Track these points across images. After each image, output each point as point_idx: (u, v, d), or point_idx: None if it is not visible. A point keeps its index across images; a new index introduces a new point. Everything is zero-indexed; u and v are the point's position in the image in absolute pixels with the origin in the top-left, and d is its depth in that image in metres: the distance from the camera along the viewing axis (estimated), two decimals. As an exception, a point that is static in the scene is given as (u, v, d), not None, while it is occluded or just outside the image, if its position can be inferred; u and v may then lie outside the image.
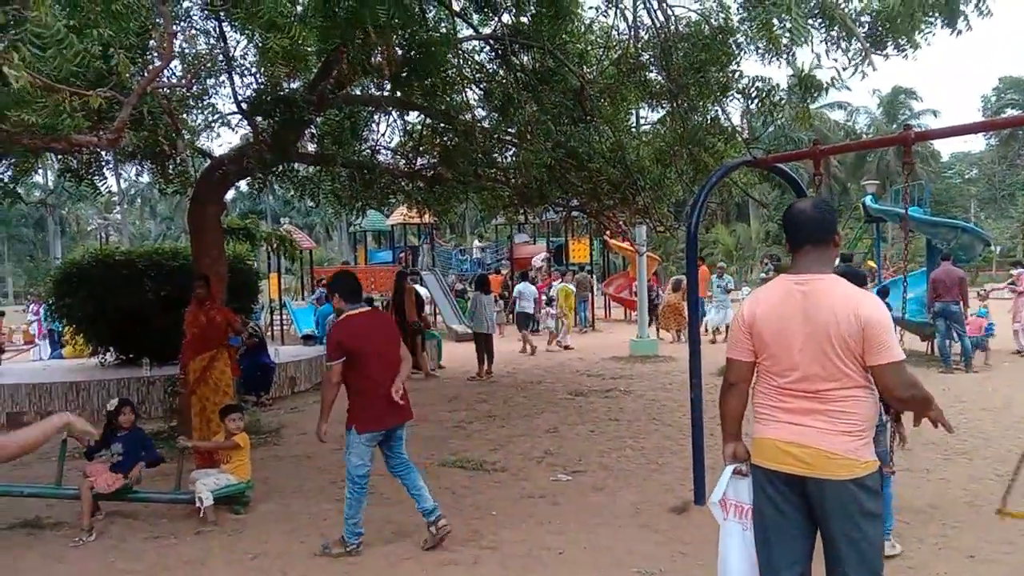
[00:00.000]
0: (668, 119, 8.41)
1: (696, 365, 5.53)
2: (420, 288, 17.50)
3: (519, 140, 8.04)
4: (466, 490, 6.24)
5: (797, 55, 6.01)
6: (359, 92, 8.61)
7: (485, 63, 8.57)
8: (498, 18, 7.98)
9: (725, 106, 7.66)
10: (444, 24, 7.83)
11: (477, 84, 8.28)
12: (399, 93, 7.64)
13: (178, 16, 6.97)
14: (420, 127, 9.39)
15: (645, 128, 9.65)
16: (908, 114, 50.85)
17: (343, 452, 5.00)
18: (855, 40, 5.47)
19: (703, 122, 7.80)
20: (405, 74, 6.53)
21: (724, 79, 7.17)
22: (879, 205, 18.14)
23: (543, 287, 21.31)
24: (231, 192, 12.07)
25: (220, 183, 8.09)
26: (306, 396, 11.15)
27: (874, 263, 21.68)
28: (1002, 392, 9.92)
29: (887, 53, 5.72)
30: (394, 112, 9.18)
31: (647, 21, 7.50)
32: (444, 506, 5.69)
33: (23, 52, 3.00)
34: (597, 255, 26.53)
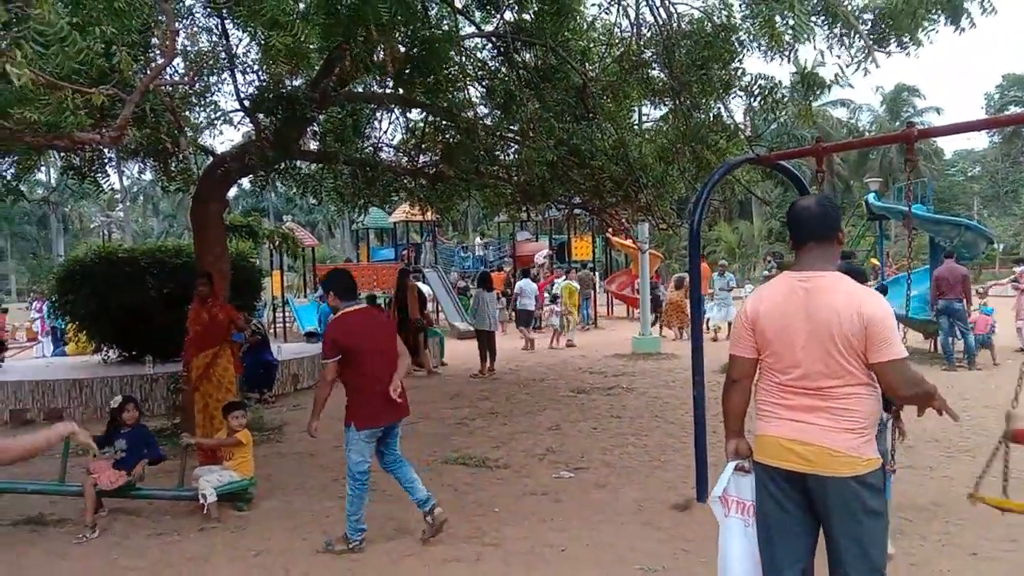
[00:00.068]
0: (671, 116, 8.40)
1: (699, 362, 5.53)
2: (423, 285, 17.52)
3: (521, 137, 8.04)
4: (468, 487, 6.24)
5: (800, 52, 6.00)
6: (361, 89, 8.61)
7: (487, 60, 8.56)
8: (500, 15, 7.96)
9: (728, 103, 7.65)
10: (446, 21, 7.82)
11: (479, 81, 8.27)
12: (401, 90, 7.64)
13: (180, 13, 6.97)
14: (422, 124, 9.39)
15: (647, 125, 9.62)
16: (911, 111, 50.82)
17: (345, 449, 5.01)
18: (858, 37, 5.46)
19: (706, 119, 7.80)
20: (408, 71, 6.54)
21: (727, 76, 7.16)
22: (882, 203, 18.09)
23: (545, 284, 21.33)
24: (233, 190, 12.08)
25: (222, 181, 8.11)
26: (309, 393, 11.13)
27: (877, 261, 21.66)
28: (1005, 390, 9.83)
29: (890, 50, 5.71)
30: (396, 109, 9.18)
31: (649, 18, 7.50)
32: (446, 503, 5.70)
33: (26, 50, 3.00)
34: (599, 253, 26.52)
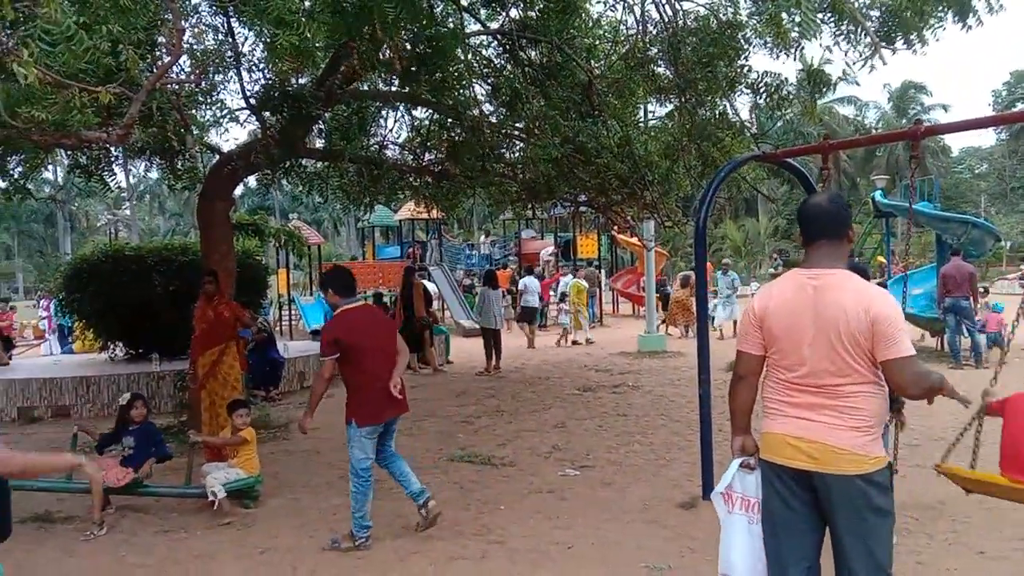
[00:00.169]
0: (676, 114, 8.39)
1: (705, 361, 5.52)
2: (428, 283, 17.54)
3: (527, 135, 8.03)
4: (474, 485, 6.25)
5: (806, 49, 5.98)
6: (367, 87, 8.61)
7: (493, 58, 8.56)
8: (506, 13, 7.96)
9: (733, 101, 7.64)
10: (452, 19, 7.82)
11: (485, 79, 8.27)
12: (407, 88, 7.64)
13: (187, 12, 6.97)
14: (428, 122, 9.40)
15: (653, 123, 9.62)
16: (918, 109, 50.63)
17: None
18: (864, 34, 5.44)
19: (711, 117, 7.79)
20: (414, 69, 6.53)
21: (732, 74, 7.15)
22: (888, 200, 18.02)
23: (551, 282, 21.33)
24: (240, 188, 12.08)
25: (229, 179, 8.12)
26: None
27: (884, 259, 21.59)
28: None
29: (896, 48, 5.69)
30: (402, 107, 9.18)
31: (655, 15, 7.49)
32: (452, 500, 5.72)
33: (33, 48, 3.01)
34: (605, 250, 26.48)
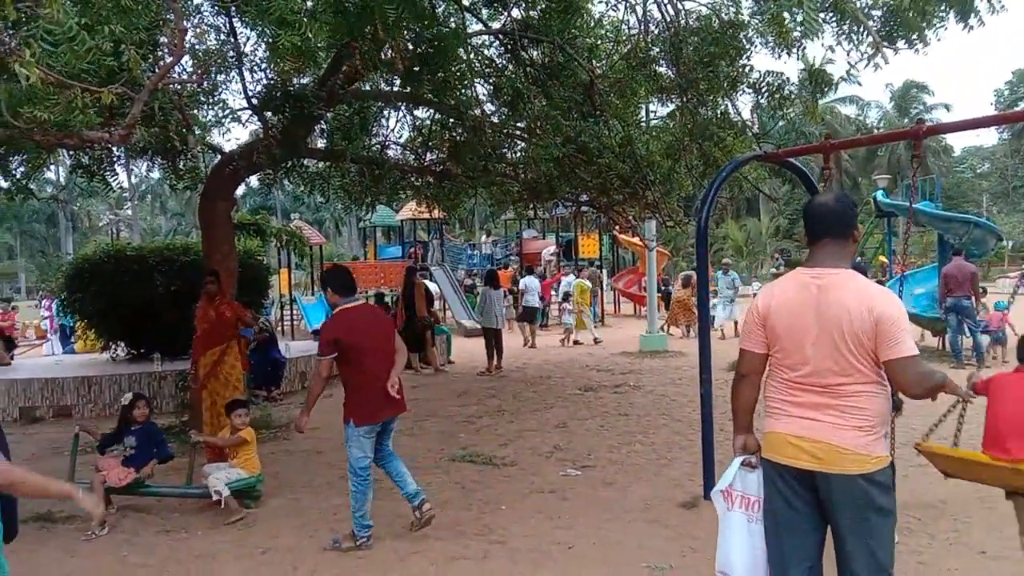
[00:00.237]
0: (678, 113, 8.39)
1: (706, 360, 5.52)
2: (430, 283, 17.55)
3: (528, 135, 8.03)
4: (476, 484, 6.25)
5: (807, 49, 5.98)
6: (368, 88, 8.61)
7: (495, 58, 8.56)
8: (508, 13, 7.96)
9: (735, 100, 7.65)
10: (453, 19, 7.82)
11: (486, 79, 8.27)
12: (409, 88, 7.64)
13: (189, 12, 6.98)
14: (429, 122, 9.40)
15: (655, 122, 9.62)
16: (920, 108, 50.56)
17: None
18: (866, 34, 5.43)
19: (713, 116, 7.79)
20: (416, 69, 6.54)
21: (734, 73, 7.15)
22: (890, 200, 18.00)
23: (552, 282, 21.33)
24: (241, 188, 12.10)
25: (230, 179, 8.12)
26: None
27: (885, 258, 21.57)
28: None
29: (898, 47, 5.68)
30: (403, 107, 9.18)
31: (657, 15, 7.48)
32: (453, 500, 5.73)
33: (35, 49, 3.01)
34: (606, 250, 26.49)
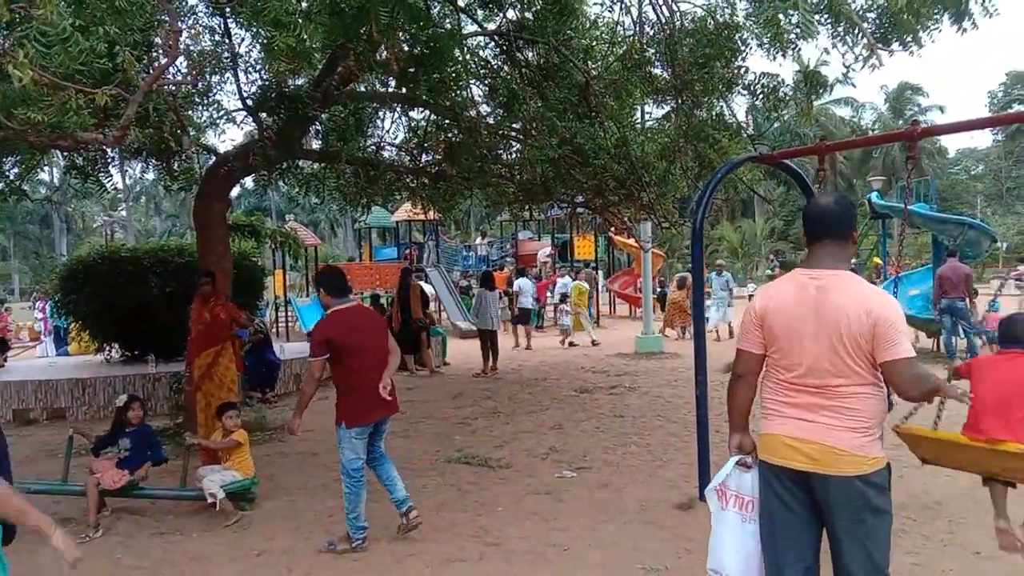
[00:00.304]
0: (673, 115, 8.39)
1: (702, 362, 5.52)
2: (425, 285, 17.53)
3: (524, 136, 8.03)
4: (471, 486, 6.24)
5: (802, 51, 6.00)
6: (364, 89, 8.61)
7: (490, 59, 8.56)
8: (503, 14, 7.96)
9: (730, 102, 7.66)
10: (449, 20, 7.82)
11: (482, 80, 8.27)
12: (404, 89, 7.64)
13: (183, 13, 6.97)
14: (425, 123, 9.39)
15: (650, 124, 9.63)
16: (915, 110, 50.82)
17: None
18: (861, 36, 5.45)
19: (708, 118, 7.80)
20: (411, 70, 6.54)
21: (729, 75, 7.16)
22: (885, 201, 18.06)
23: (548, 283, 21.33)
24: (236, 189, 12.07)
25: (225, 180, 8.11)
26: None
27: (880, 260, 21.62)
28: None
29: (893, 49, 5.70)
30: (399, 109, 9.18)
31: (652, 16, 7.50)
32: (449, 502, 5.72)
33: (29, 50, 3.00)
34: (602, 252, 26.49)
